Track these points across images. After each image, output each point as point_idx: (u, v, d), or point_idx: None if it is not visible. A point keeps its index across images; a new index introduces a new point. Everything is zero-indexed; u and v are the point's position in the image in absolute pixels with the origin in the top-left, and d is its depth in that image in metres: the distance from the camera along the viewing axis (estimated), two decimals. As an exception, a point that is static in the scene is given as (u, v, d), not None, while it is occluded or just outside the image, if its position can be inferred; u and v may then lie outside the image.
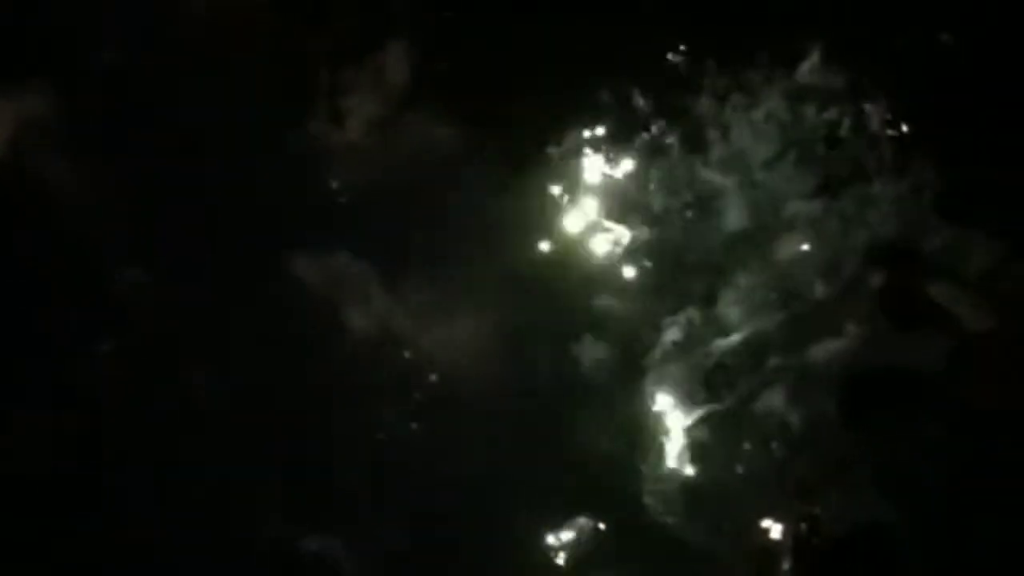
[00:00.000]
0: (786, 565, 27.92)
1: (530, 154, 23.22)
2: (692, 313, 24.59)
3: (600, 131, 23.09)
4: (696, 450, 25.15)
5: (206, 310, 28.67)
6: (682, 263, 24.48)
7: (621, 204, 23.91)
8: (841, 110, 20.63)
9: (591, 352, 25.80)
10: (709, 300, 24.13)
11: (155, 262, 27.99)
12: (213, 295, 28.68)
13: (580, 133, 23.17)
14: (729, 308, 24.18)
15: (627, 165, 23.42)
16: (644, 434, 25.80)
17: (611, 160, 23.37)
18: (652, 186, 23.46)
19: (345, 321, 28.19)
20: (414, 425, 27.19)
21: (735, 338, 24.50)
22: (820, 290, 22.31)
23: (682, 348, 24.80)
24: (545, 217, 24.33)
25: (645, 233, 24.22)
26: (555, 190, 23.98)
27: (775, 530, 24.43)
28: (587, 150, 23.44)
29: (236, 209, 27.20)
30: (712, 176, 22.92)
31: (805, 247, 22.20)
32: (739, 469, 24.74)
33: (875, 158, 20.49)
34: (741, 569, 27.46)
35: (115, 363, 28.32)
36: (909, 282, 18.29)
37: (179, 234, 27.80)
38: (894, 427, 16.69)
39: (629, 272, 24.71)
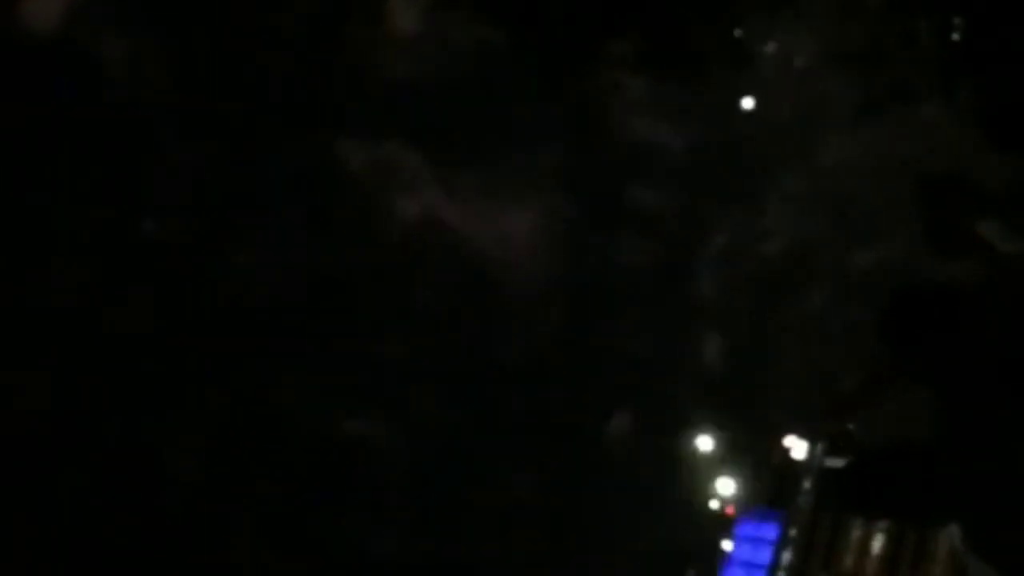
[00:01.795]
0: (807, 483, 28.14)
1: (575, 57, 22.96)
2: (738, 214, 24.50)
3: (646, 34, 22.77)
4: (736, 352, 25.23)
5: (254, 192, 28.85)
6: (729, 164, 24.30)
7: (667, 105, 23.70)
8: (888, 27, 20.18)
9: (636, 249, 25.86)
10: (756, 202, 23.98)
11: (205, 140, 28.13)
12: (262, 177, 28.81)
13: (627, 37, 22.86)
14: (775, 210, 24.05)
15: (674, 68, 23.09)
16: (685, 332, 25.87)
17: (657, 63, 23.05)
18: (698, 89, 23.19)
19: (393, 207, 28.32)
20: (457, 311, 27.47)
21: (780, 241, 24.41)
22: (866, 197, 22.08)
23: (727, 249, 24.73)
24: (592, 116, 24.14)
25: (692, 135, 24.07)
26: (601, 91, 23.76)
27: (800, 448, 24.64)
28: (633, 52, 23.12)
29: (288, 94, 27.21)
30: (758, 83, 22.62)
31: (852, 154, 21.94)
32: (776, 376, 24.82)
33: (922, 76, 20.08)
34: (764, 482, 27.71)
35: (161, 240, 28.60)
36: (953, 207, 18.04)
37: (230, 114, 27.88)
38: (935, 345, 16.41)
39: (676, 172, 24.61)
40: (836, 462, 29.64)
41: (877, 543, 35.10)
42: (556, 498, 29.76)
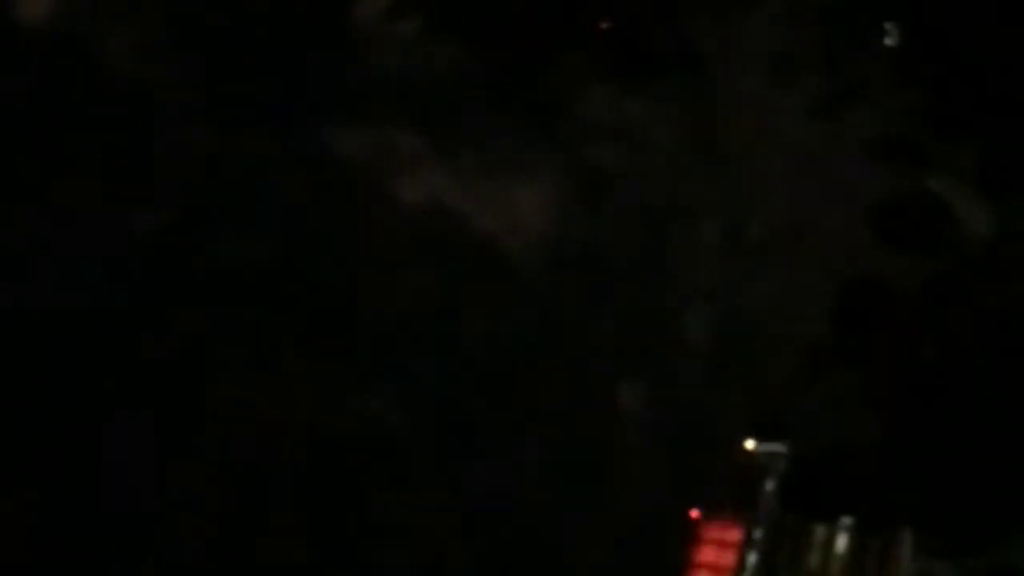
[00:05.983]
0: (769, 486, 28.38)
1: (531, 64, 23.18)
2: (709, 203, 24.90)
3: (603, 42, 23.03)
4: (718, 334, 25.62)
5: (253, 177, 28.96)
6: (697, 156, 24.65)
7: (626, 111, 23.99)
8: (838, 26, 20.51)
9: (627, 233, 26.29)
10: (725, 187, 24.37)
11: (205, 127, 28.20)
12: (260, 162, 28.94)
13: (583, 46, 23.13)
14: (743, 190, 24.42)
15: (629, 73, 23.38)
16: (668, 311, 26.27)
17: (614, 68, 23.31)
18: (656, 88, 23.48)
19: (395, 191, 28.55)
20: (460, 290, 27.77)
21: (749, 221, 24.83)
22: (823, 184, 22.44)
23: (702, 232, 25.08)
24: (558, 116, 24.40)
25: (656, 131, 24.43)
26: (562, 95, 24.05)
27: (763, 451, 24.98)
28: (589, 59, 23.40)
29: (287, 80, 27.30)
30: (712, 83, 22.95)
31: (809, 146, 22.27)
32: (751, 365, 25.13)
33: (872, 73, 20.40)
34: (728, 484, 28.01)
35: (161, 228, 28.66)
36: (909, 173, 18.37)
37: (227, 104, 27.95)
38: (888, 341, 16.65)
39: (651, 164, 24.97)
40: (770, 447, 30.27)
41: (841, 543, 35.41)
42: (562, 473, 30.31)
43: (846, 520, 31.26)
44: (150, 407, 29.55)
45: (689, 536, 36.76)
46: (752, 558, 36.57)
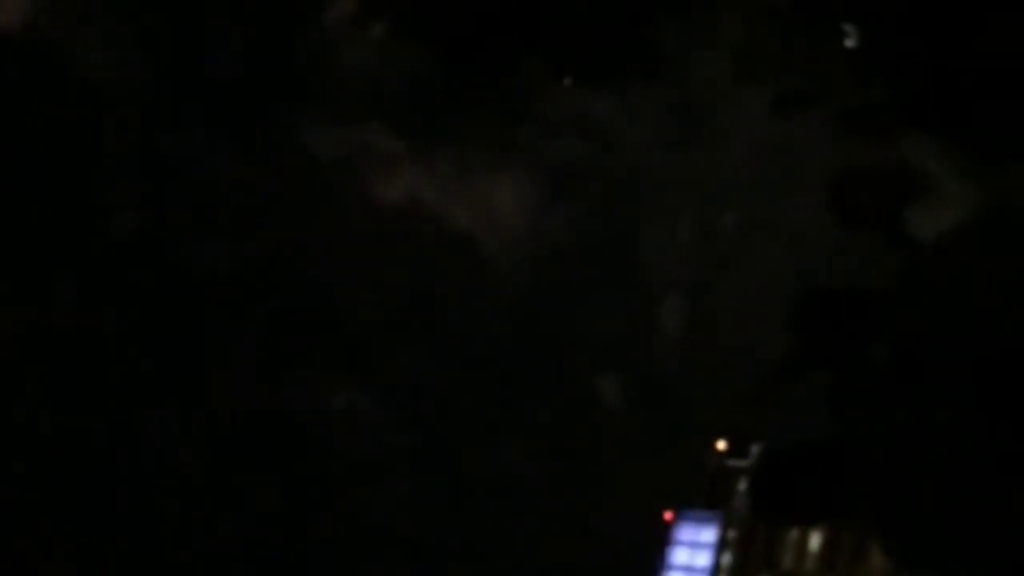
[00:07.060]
0: (743, 485, 28.35)
1: (494, 71, 23.17)
2: (682, 198, 24.95)
3: (563, 46, 23.03)
4: (689, 328, 25.60)
5: (231, 179, 28.85)
6: (668, 152, 24.73)
7: (592, 117, 24.04)
8: (797, 28, 20.54)
9: (601, 228, 26.31)
10: (696, 182, 24.38)
11: (180, 130, 28.11)
12: (238, 163, 28.85)
13: (545, 51, 23.10)
14: (712, 184, 24.47)
15: (591, 79, 23.40)
16: (643, 306, 26.35)
17: (575, 74, 23.33)
18: (620, 92, 23.58)
19: (372, 190, 28.52)
20: (437, 286, 27.77)
21: (722, 216, 24.91)
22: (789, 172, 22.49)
23: (671, 227, 25.12)
24: (558, 109, 24.48)
25: (627, 127, 24.50)
26: (525, 99, 24.07)
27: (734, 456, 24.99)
28: (551, 64, 23.40)
29: (263, 82, 27.21)
30: (680, 81, 22.99)
31: (779, 140, 22.38)
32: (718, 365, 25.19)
33: (833, 74, 20.45)
34: (701, 485, 28.00)
35: (138, 233, 28.53)
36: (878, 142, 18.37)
37: (207, 103, 27.84)
38: (848, 346, 16.66)
39: (624, 160, 25.02)
40: (738, 463, 30.36)
41: (815, 541, 35.54)
42: (538, 470, 30.31)
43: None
44: (127, 407, 29.44)
45: (664, 537, 36.81)
46: (726, 558, 36.65)
